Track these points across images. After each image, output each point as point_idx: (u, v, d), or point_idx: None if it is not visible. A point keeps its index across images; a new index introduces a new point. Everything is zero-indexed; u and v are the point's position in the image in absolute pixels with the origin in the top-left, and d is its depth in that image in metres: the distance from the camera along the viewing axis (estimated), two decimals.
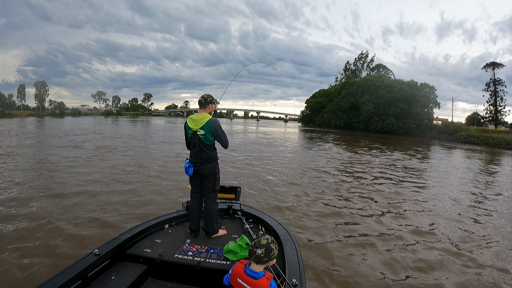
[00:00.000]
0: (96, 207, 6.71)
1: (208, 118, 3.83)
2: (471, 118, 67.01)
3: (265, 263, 2.18)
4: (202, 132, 3.81)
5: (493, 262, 5.05)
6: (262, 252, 2.13)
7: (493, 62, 64.33)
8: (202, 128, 3.80)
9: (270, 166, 13.19)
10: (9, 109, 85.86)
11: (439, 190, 10.28)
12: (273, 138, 32.92)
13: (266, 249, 2.14)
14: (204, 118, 3.82)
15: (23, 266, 4.21)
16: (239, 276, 2.18)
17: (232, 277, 2.25)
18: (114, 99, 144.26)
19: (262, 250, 2.13)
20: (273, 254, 2.17)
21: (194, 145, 3.90)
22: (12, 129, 31.82)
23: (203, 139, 3.83)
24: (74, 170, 10.54)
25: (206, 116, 3.84)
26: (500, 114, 63.89)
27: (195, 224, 3.95)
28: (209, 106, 3.96)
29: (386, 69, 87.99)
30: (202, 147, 3.85)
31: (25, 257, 4.46)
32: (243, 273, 2.17)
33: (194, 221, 3.96)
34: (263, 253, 2.13)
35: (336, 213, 7.18)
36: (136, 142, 22.19)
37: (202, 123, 3.80)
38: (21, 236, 5.14)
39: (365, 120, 67.19)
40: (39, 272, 4.05)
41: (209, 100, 3.95)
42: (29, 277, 3.95)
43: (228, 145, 4.02)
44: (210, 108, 3.98)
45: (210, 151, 3.88)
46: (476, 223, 7.05)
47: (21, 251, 4.63)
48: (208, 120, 3.81)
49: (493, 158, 24.62)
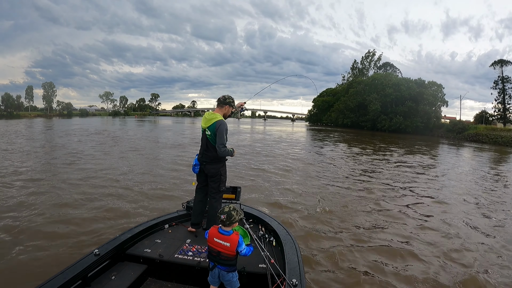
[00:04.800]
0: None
1: (217, 119, 3.80)
2: (479, 116, 65.89)
3: (229, 225, 2.75)
4: (209, 133, 3.81)
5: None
6: (224, 217, 2.72)
7: (501, 60, 63.11)
8: (209, 128, 3.80)
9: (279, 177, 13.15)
10: (17, 110, 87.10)
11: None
12: (281, 138, 32.82)
13: (227, 215, 2.73)
14: (213, 118, 3.81)
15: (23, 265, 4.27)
16: (215, 236, 2.74)
17: (209, 239, 2.77)
18: (122, 99, 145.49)
19: (224, 216, 2.73)
20: (234, 219, 2.75)
21: (202, 144, 3.92)
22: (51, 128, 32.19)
23: (210, 139, 3.83)
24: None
25: (216, 117, 3.82)
26: (509, 112, 62.69)
27: (195, 218, 4.00)
28: (226, 107, 3.95)
29: (394, 68, 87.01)
30: (209, 147, 3.86)
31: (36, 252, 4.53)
32: (217, 233, 2.74)
33: (195, 215, 4.02)
34: (225, 218, 2.72)
35: (339, 213, 7.14)
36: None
37: (210, 123, 3.79)
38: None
39: (373, 119, 66.61)
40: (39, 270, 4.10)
41: (227, 101, 3.94)
42: (28, 277, 4.00)
43: (224, 153, 3.78)
44: (226, 109, 3.96)
45: (216, 152, 3.84)
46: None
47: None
48: (216, 121, 3.78)
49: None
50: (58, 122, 56.61)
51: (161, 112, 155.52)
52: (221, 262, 2.73)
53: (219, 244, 2.70)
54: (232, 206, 2.82)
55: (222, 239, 2.70)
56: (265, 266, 3.04)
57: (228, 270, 2.77)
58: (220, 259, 2.72)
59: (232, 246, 2.70)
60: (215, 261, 2.76)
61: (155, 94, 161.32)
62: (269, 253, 3.24)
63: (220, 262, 2.73)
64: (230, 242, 2.69)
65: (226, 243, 2.69)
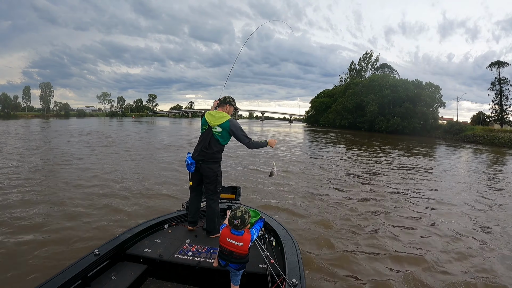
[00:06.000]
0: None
1: (228, 117, 3.84)
2: (477, 118, 66.21)
3: (242, 228, 2.79)
4: (219, 130, 3.82)
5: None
6: (238, 222, 2.75)
7: (498, 61, 63.53)
8: (221, 126, 3.81)
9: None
10: (14, 111, 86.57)
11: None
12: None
13: (241, 219, 2.75)
14: (224, 117, 3.84)
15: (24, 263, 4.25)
16: (227, 236, 2.79)
17: (222, 239, 2.82)
18: (119, 100, 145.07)
19: (238, 221, 2.74)
20: (247, 222, 2.79)
21: (204, 141, 3.89)
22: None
23: (218, 137, 3.84)
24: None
25: (226, 116, 3.86)
26: (506, 113, 63.14)
27: (192, 217, 4.04)
28: (227, 106, 3.97)
29: (391, 69, 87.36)
30: (212, 145, 3.85)
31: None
32: (230, 233, 2.79)
33: (191, 214, 4.05)
34: (240, 223, 2.75)
35: (339, 213, 7.16)
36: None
37: (221, 121, 3.81)
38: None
39: (370, 120, 66.77)
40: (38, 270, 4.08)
41: (228, 101, 3.98)
42: (28, 277, 3.97)
43: (255, 145, 3.95)
44: (227, 108, 3.98)
45: (217, 150, 3.87)
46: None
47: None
48: (228, 119, 3.82)
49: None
50: (55, 122, 56.35)
51: (158, 113, 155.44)
52: (233, 260, 2.79)
53: (232, 244, 2.76)
54: (243, 209, 2.84)
55: (235, 239, 2.76)
56: (265, 266, 3.04)
57: (239, 268, 2.84)
58: (232, 258, 2.79)
59: (245, 245, 2.77)
60: (226, 260, 2.81)
61: (152, 95, 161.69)
62: (269, 253, 3.23)
63: (232, 260, 2.79)
64: (243, 242, 2.77)
65: (239, 243, 2.76)
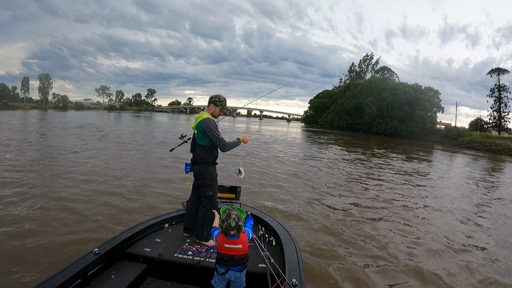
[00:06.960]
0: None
1: (203, 117, 3.74)
2: (475, 123, 66.64)
3: (238, 233, 2.74)
4: (196, 131, 3.79)
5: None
6: (235, 232, 2.69)
7: (498, 68, 64.02)
8: (196, 126, 3.77)
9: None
10: (12, 101, 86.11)
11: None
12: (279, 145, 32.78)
13: (237, 229, 2.69)
14: (199, 118, 3.77)
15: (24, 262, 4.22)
16: (225, 242, 2.72)
17: (219, 247, 2.75)
18: (118, 94, 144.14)
19: (234, 232, 2.69)
20: (242, 227, 2.75)
21: (192, 142, 3.90)
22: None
23: (197, 139, 3.79)
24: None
25: (201, 116, 3.78)
26: (504, 120, 63.65)
27: (187, 223, 3.93)
28: (211, 106, 3.86)
29: (391, 72, 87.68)
30: (195, 146, 3.82)
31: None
32: (227, 240, 2.72)
33: (186, 219, 3.95)
34: (236, 232, 2.70)
35: (340, 214, 7.17)
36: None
37: (197, 122, 3.77)
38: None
39: (368, 122, 67.05)
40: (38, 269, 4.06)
41: (212, 100, 3.86)
42: (28, 276, 3.95)
43: (226, 148, 3.74)
44: (211, 108, 3.86)
45: (202, 152, 3.78)
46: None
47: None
48: (201, 119, 3.72)
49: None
50: (53, 114, 56.06)
51: (157, 108, 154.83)
52: (234, 263, 2.74)
53: (231, 249, 2.71)
54: (235, 217, 2.72)
55: (233, 243, 2.71)
56: (265, 266, 3.05)
57: (241, 269, 2.80)
58: (233, 262, 2.74)
59: (244, 246, 2.74)
60: (227, 265, 2.74)
61: (151, 90, 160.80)
62: (269, 253, 3.25)
63: (233, 264, 2.74)
64: (241, 243, 2.73)
65: (238, 245, 2.72)
